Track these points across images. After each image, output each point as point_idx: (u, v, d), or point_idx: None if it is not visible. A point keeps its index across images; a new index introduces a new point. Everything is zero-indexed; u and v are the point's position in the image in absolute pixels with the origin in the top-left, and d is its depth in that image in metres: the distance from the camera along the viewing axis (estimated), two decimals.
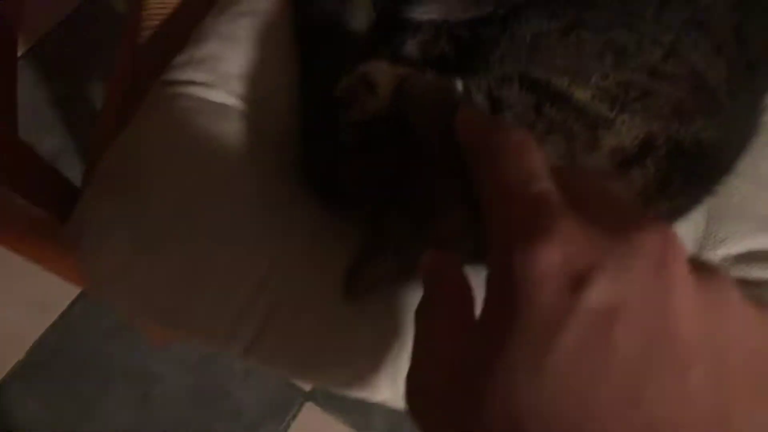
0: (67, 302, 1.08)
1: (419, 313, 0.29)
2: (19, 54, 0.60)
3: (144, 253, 0.44)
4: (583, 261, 0.23)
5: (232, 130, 0.49)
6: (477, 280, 0.46)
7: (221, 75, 0.52)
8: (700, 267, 0.26)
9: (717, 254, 0.53)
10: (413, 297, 0.45)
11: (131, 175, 0.46)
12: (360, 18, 0.52)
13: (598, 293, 0.23)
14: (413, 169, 0.43)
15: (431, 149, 0.43)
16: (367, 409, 1.04)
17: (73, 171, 1.15)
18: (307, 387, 1.07)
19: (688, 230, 0.53)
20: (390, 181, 0.44)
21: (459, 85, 0.43)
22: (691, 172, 0.44)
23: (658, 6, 0.46)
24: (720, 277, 0.26)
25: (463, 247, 0.44)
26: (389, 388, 0.46)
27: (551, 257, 0.23)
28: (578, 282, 0.23)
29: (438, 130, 0.42)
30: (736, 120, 0.47)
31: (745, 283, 0.51)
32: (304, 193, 0.51)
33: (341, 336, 0.44)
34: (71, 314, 1.07)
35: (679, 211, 0.47)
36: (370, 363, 0.45)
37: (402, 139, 0.43)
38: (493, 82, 0.43)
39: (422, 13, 0.51)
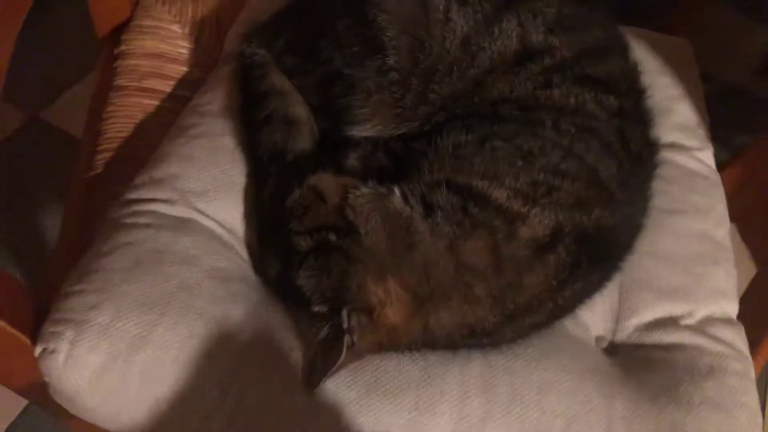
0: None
1: None
2: None
3: (115, 362, 0.47)
4: None
5: (194, 241, 0.54)
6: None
7: (181, 192, 0.57)
8: None
9: (632, 323, 0.60)
10: (365, 386, 0.49)
11: (101, 288, 0.50)
12: (305, 137, 0.60)
13: None
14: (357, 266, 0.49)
15: (375, 249, 0.49)
16: None
17: None
18: None
19: (604, 304, 0.60)
20: (339, 281, 0.49)
21: (397, 191, 0.51)
22: (596, 253, 0.52)
23: (555, 117, 0.55)
24: None
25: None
26: None
27: None
28: None
29: (380, 233, 0.49)
30: (629, 205, 0.56)
31: (657, 348, 0.59)
32: (266, 294, 0.55)
33: (303, 425, 0.47)
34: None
35: (591, 288, 0.55)
36: None
37: (347, 243, 0.49)
38: (425, 187, 0.51)
39: (360, 132, 0.59)
